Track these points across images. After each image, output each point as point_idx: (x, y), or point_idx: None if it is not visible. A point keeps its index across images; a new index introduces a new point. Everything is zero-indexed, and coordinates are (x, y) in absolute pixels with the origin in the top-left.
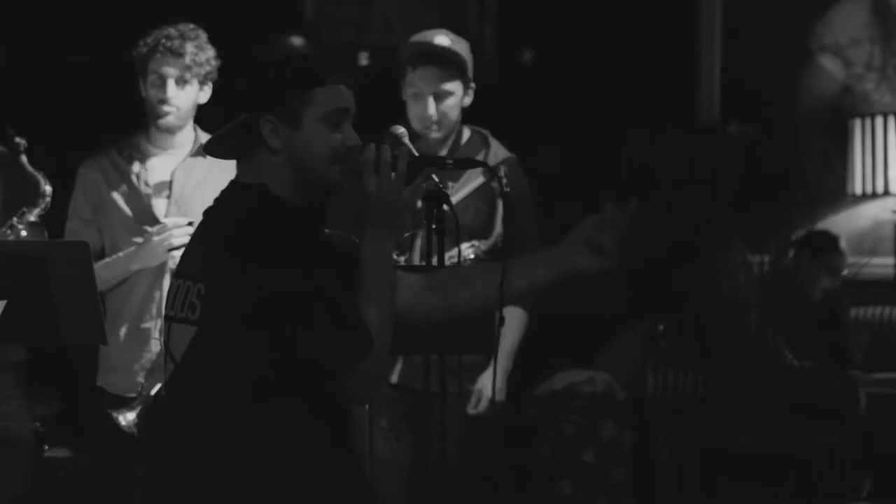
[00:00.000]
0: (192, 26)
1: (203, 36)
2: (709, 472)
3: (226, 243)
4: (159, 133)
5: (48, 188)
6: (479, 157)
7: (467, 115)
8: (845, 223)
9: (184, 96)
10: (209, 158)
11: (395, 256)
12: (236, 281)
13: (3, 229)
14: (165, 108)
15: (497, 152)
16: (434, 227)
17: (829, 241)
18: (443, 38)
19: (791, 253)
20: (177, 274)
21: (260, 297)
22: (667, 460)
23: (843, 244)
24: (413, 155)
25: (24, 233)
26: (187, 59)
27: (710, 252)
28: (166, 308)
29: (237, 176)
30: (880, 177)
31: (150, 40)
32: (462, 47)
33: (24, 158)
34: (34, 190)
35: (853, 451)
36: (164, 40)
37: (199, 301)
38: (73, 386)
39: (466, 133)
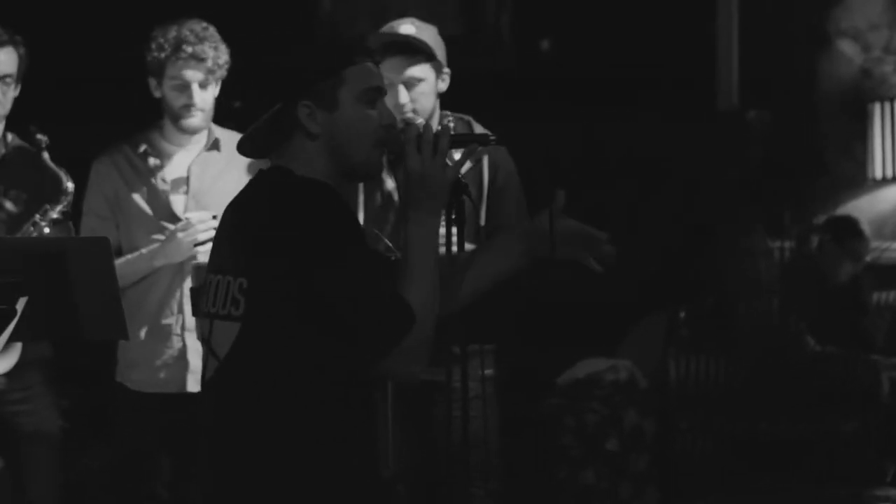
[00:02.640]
0: (203, 24)
1: (215, 33)
2: (731, 459)
3: (263, 232)
4: (179, 131)
5: (70, 185)
6: None
7: (489, 102)
8: (866, 208)
9: (208, 98)
10: (224, 152)
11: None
12: (279, 271)
13: (27, 226)
14: (192, 111)
15: None
16: (454, 217)
17: (851, 227)
18: (408, 27)
19: (814, 239)
20: (211, 269)
21: (304, 282)
22: (689, 448)
23: (865, 229)
24: (458, 134)
25: (46, 230)
26: (209, 63)
27: (730, 239)
28: (205, 305)
29: (273, 163)
30: None
31: (165, 44)
32: (429, 34)
33: (46, 155)
34: (57, 187)
35: (876, 437)
36: (185, 45)
37: (243, 296)
38: (95, 381)
39: (444, 119)
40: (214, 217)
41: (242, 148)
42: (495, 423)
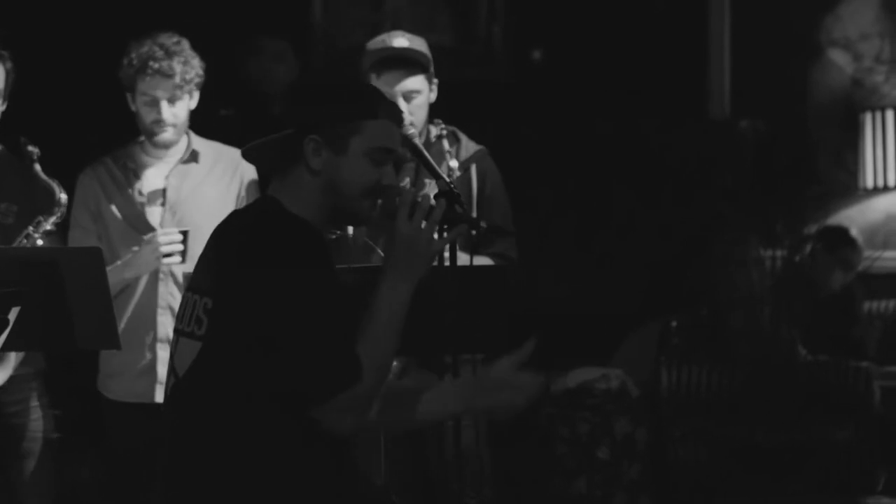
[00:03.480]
0: (174, 39)
1: (186, 47)
2: (724, 468)
3: (235, 259)
4: (152, 145)
5: (63, 196)
6: (451, 152)
7: (481, 112)
8: (857, 217)
9: (178, 112)
10: (203, 163)
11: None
12: (241, 297)
13: (20, 238)
14: (163, 126)
15: (468, 146)
16: (446, 228)
17: (843, 236)
18: (401, 40)
19: (806, 248)
20: (188, 287)
21: (260, 318)
22: (682, 456)
23: (858, 239)
24: (452, 210)
25: (39, 241)
26: (177, 79)
27: (722, 248)
28: (176, 321)
29: (269, 190)
30: (892, 170)
31: (135, 59)
32: (421, 44)
33: (37, 167)
34: (49, 198)
35: (868, 445)
36: (151, 62)
37: (206, 316)
38: (86, 390)
39: (434, 130)
40: (184, 232)
41: (247, 155)
42: (487, 432)
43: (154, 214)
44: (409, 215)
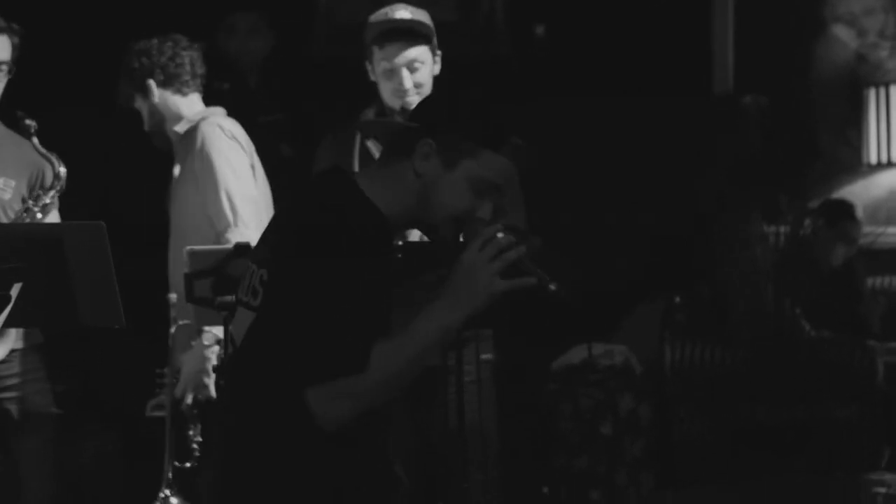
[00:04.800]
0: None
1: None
2: (727, 445)
3: (294, 234)
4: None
5: (63, 169)
6: None
7: (484, 88)
8: (861, 193)
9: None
10: None
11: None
12: (288, 272)
13: (20, 213)
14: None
15: None
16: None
17: (844, 210)
18: (403, 11)
19: (807, 223)
20: (251, 259)
21: (297, 292)
22: (685, 433)
23: (859, 213)
24: (527, 261)
25: (39, 215)
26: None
27: (726, 224)
28: (238, 291)
29: (360, 173)
30: (895, 146)
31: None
32: (423, 16)
33: (35, 140)
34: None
35: (871, 421)
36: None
37: (262, 287)
38: (92, 365)
39: None
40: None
41: (364, 129)
42: (492, 407)
43: None
44: (481, 246)
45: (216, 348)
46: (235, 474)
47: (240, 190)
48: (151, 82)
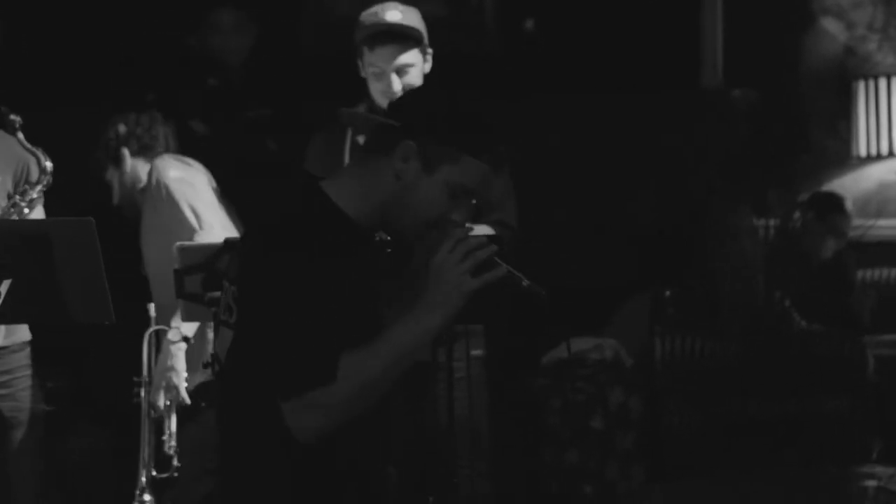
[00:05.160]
0: None
1: None
2: (717, 437)
3: (258, 245)
4: None
5: (49, 164)
6: None
7: (473, 83)
8: (850, 185)
9: None
10: None
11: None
12: (251, 283)
13: (6, 208)
14: None
15: None
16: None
17: (834, 202)
18: (394, 13)
19: (797, 216)
20: (225, 275)
21: (261, 301)
22: (675, 426)
23: (848, 205)
24: (498, 259)
25: (26, 210)
26: None
27: (715, 217)
28: (218, 311)
29: (335, 173)
30: (885, 138)
31: None
32: (414, 17)
33: (20, 136)
34: (34, 167)
35: (862, 414)
36: None
37: (234, 304)
38: (84, 361)
39: None
40: None
41: (345, 119)
42: (482, 403)
43: None
44: (451, 248)
45: (183, 345)
46: (227, 491)
47: (198, 197)
48: (125, 151)
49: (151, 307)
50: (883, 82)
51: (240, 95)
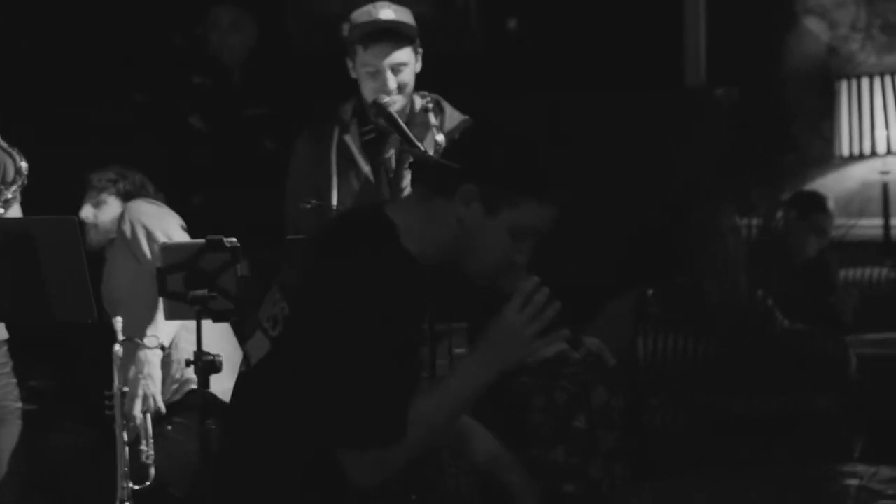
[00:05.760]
0: None
1: None
2: (701, 436)
3: (322, 279)
4: None
5: (24, 164)
6: (437, 126)
7: (458, 82)
8: (833, 185)
9: None
10: None
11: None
12: (314, 320)
13: None
14: None
15: (452, 116)
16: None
17: (816, 202)
18: (387, 11)
19: (780, 215)
20: (277, 280)
21: (326, 344)
22: (659, 425)
23: (830, 204)
24: (562, 317)
25: (1, 210)
26: None
27: (698, 216)
28: (261, 307)
29: (396, 207)
30: (867, 138)
31: None
32: (407, 15)
33: None
34: (9, 167)
35: (845, 413)
36: None
37: (282, 320)
38: (70, 359)
39: (419, 100)
40: None
41: (413, 169)
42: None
43: None
44: (521, 305)
45: (159, 353)
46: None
47: (170, 227)
48: (109, 196)
49: (118, 321)
50: (866, 82)
51: (238, 93)
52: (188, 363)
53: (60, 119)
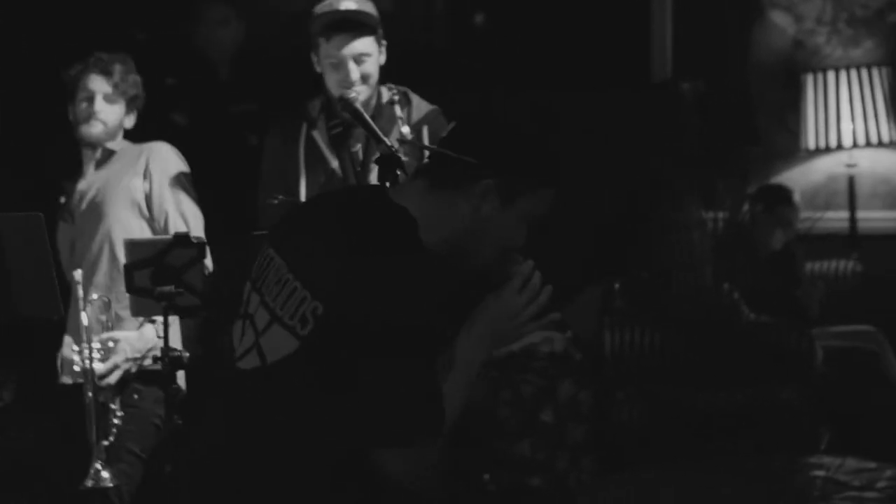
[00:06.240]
0: (122, 55)
1: (131, 62)
2: (668, 429)
3: (365, 278)
4: (83, 148)
5: None
6: (402, 118)
7: (423, 77)
8: (799, 178)
9: (111, 112)
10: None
11: None
12: (358, 323)
13: None
14: (92, 121)
15: (419, 106)
16: None
17: (782, 195)
18: (348, 2)
19: (745, 208)
20: (291, 270)
21: (371, 345)
22: (626, 419)
23: (796, 197)
24: (555, 302)
25: None
26: (116, 78)
27: (664, 209)
28: (268, 296)
29: (409, 197)
30: (833, 131)
31: (81, 63)
32: (369, 6)
33: None
34: None
35: (811, 405)
36: (93, 60)
37: (314, 320)
38: (29, 361)
39: (386, 93)
40: None
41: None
42: None
43: None
44: (517, 289)
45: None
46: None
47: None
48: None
49: (77, 273)
50: (831, 75)
51: (224, 89)
52: (155, 359)
53: (37, 116)
